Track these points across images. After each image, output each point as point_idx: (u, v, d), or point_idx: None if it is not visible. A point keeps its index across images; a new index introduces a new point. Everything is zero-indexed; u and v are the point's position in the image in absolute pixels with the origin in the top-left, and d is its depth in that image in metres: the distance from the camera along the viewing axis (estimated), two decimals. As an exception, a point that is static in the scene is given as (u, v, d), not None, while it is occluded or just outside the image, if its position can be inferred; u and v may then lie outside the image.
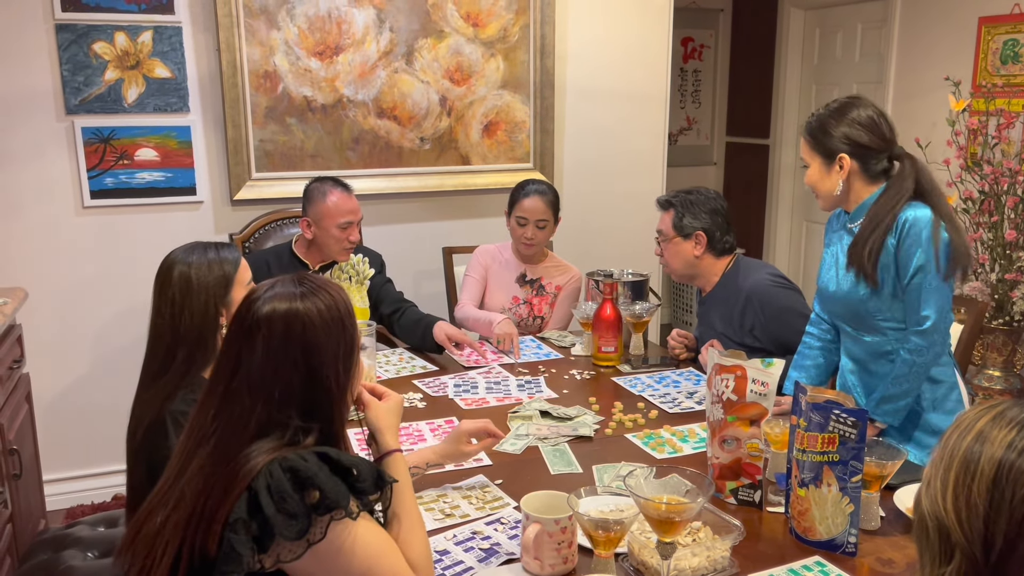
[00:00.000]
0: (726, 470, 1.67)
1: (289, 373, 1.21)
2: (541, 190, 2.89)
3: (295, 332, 1.21)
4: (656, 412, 2.13)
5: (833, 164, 1.96)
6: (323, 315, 1.23)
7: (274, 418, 1.20)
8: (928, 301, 1.89)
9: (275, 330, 1.21)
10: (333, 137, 3.37)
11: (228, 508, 1.13)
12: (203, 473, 1.18)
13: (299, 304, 1.23)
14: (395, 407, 1.43)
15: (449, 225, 3.61)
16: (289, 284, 1.27)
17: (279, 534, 1.11)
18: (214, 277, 1.70)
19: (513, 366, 2.52)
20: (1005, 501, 0.86)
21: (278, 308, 1.22)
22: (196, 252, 1.76)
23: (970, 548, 0.87)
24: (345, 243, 2.71)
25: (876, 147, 1.94)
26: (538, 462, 1.86)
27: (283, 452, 1.18)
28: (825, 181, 1.99)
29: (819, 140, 1.97)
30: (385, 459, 1.37)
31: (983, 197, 3.47)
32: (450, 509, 1.64)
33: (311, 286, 1.27)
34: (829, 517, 1.48)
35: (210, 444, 1.20)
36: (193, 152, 3.21)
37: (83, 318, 3.19)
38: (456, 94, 3.51)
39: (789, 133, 5.18)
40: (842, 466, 1.45)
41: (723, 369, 1.66)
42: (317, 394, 1.23)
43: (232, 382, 1.21)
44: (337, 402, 1.26)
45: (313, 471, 1.15)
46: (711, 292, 2.52)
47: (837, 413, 1.44)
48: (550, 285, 2.97)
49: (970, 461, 0.88)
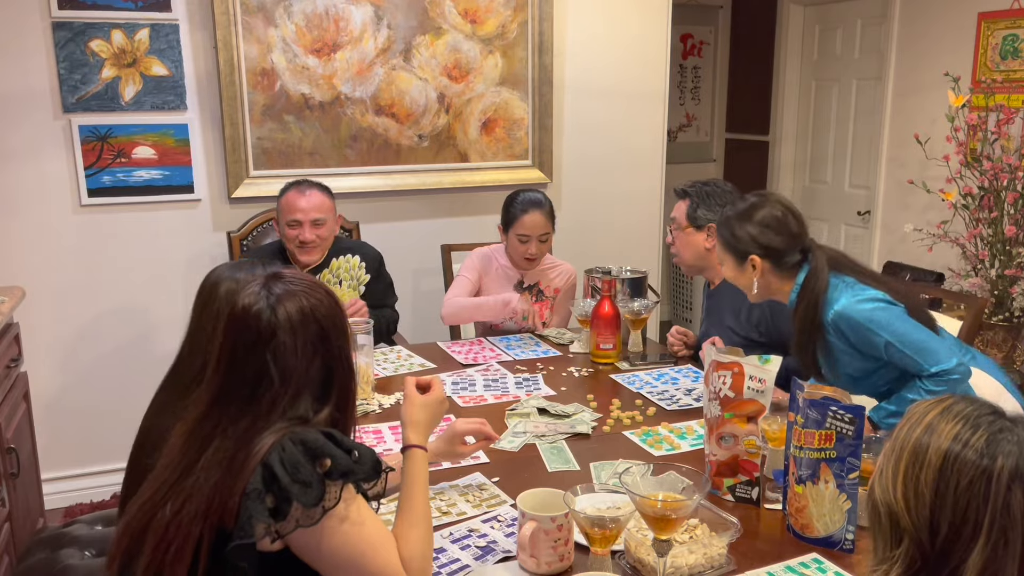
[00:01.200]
0: (723, 467, 1.67)
1: (307, 354, 1.22)
2: (537, 201, 2.82)
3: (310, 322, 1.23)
4: (654, 409, 2.13)
5: (746, 264, 2.00)
6: (329, 308, 1.26)
7: (297, 397, 1.22)
8: (923, 356, 1.85)
9: (291, 319, 1.22)
10: (331, 135, 3.37)
11: (244, 483, 1.14)
12: (221, 462, 1.18)
13: (313, 301, 1.25)
14: (431, 403, 1.47)
15: (447, 223, 3.60)
16: (270, 284, 1.26)
17: (296, 500, 1.12)
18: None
19: (512, 363, 2.51)
20: (950, 490, 0.91)
21: (294, 307, 1.23)
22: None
23: (917, 533, 0.93)
24: (296, 242, 2.72)
25: (786, 247, 1.97)
26: (535, 460, 1.86)
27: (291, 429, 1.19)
28: (740, 278, 2.04)
29: (728, 242, 2.02)
30: (406, 452, 1.38)
31: (983, 193, 3.46)
32: (447, 507, 1.64)
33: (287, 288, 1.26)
34: (827, 514, 1.47)
35: (216, 443, 1.20)
36: (191, 150, 3.20)
37: (81, 316, 3.19)
38: (454, 91, 3.50)
39: (789, 130, 5.17)
40: (839, 463, 1.45)
41: (720, 366, 1.65)
42: (329, 376, 1.25)
43: (257, 391, 1.21)
44: (347, 383, 1.27)
45: (322, 443, 1.17)
46: (720, 285, 2.50)
47: (834, 410, 1.44)
48: (548, 289, 2.95)
49: (919, 451, 0.94)
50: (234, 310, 1.24)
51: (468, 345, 2.71)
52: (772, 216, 1.97)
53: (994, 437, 0.92)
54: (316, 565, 1.18)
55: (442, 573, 1.42)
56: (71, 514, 3.17)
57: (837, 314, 1.88)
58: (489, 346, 2.69)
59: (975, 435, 0.92)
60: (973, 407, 0.96)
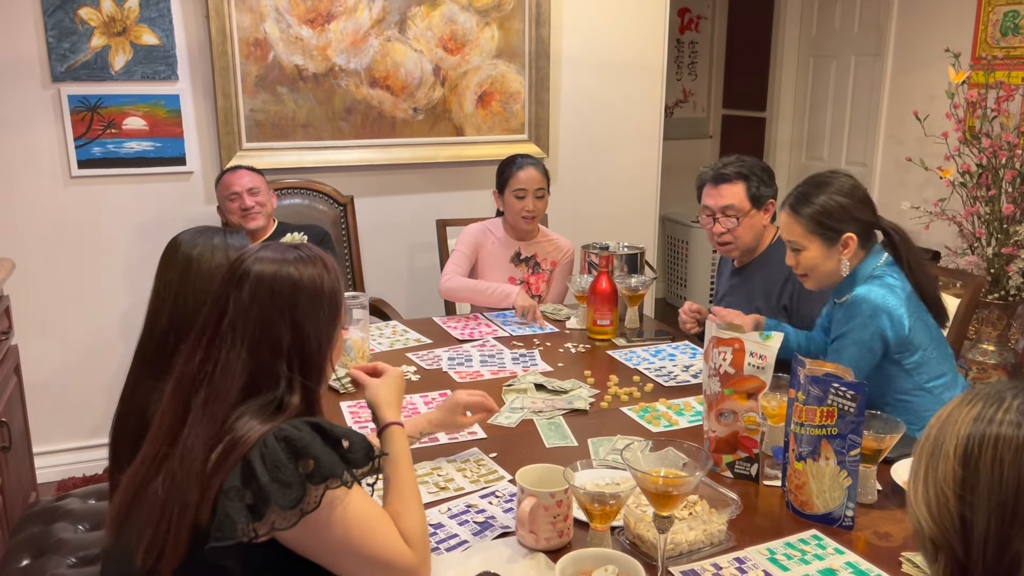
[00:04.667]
0: (723, 443, 1.66)
1: (277, 323, 1.21)
2: (531, 161, 2.86)
3: (283, 287, 1.23)
4: (652, 385, 2.11)
5: (837, 244, 1.92)
6: (313, 280, 1.25)
7: (264, 366, 1.20)
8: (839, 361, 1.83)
9: (264, 282, 1.22)
10: (325, 107, 3.32)
11: (222, 478, 1.12)
12: (202, 433, 1.16)
13: (291, 267, 1.25)
14: (392, 381, 1.45)
15: (443, 197, 3.57)
16: (285, 249, 1.28)
17: (274, 502, 1.10)
18: (216, 264, 1.65)
19: (508, 339, 2.50)
20: (982, 479, 0.78)
21: (268, 267, 1.24)
22: (204, 235, 1.70)
23: (948, 543, 0.81)
24: (239, 212, 2.86)
25: (873, 220, 1.93)
26: (533, 435, 1.85)
27: (275, 422, 1.17)
28: (827, 262, 1.94)
29: (818, 220, 1.91)
30: (384, 432, 1.36)
31: (981, 171, 3.45)
32: (444, 482, 1.63)
33: (308, 254, 1.28)
34: (827, 491, 1.46)
35: (201, 395, 1.19)
36: (183, 121, 3.16)
37: (72, 289, 3.15)
38: (450, 64, 3.46)
39: (786, 106, 5.13)
40: (840, 440, 1.44)
41: (721, 342, 1.64)
42: (303, 350, 1.23)
43: (220, 326, 1.21)
44: (318, 360, 1.26)
45: (307, 440, 1.14)
46: (752, 264, 2.41)
47: (836, 387, 1.42)
48: (545, 262, 2.93)
49: (936, 450, 0.83)
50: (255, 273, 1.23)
51: (464, 321, 2.69)
52: (853, 187, 1.92)
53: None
54: (313, 557, 1.16)
55: (441, 549, 1.41)
56: (64, 488, 3.16)
57: (856, 296, 1.88)
58: (485, 322, 2.67)
59: (1001, 408, 0.81)
60: (993, 387, 0.86)
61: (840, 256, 1.92)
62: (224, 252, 1.64)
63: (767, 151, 5.28)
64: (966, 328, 2.48)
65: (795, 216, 1.95)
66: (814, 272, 1.97)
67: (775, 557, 1.38)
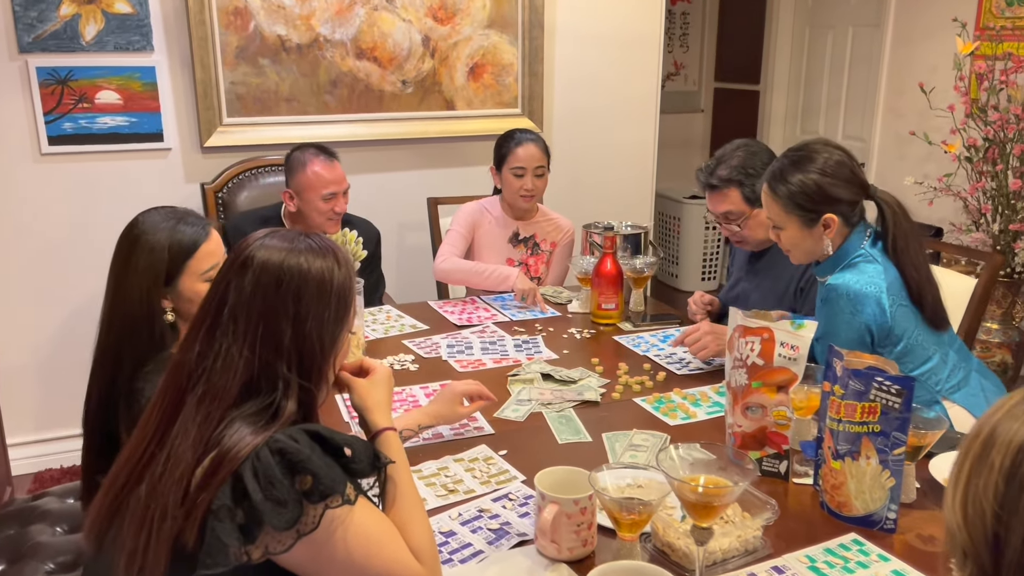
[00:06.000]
0: (749, 439, 1.55)
1: (279, 318, 1.09)
2: (531, 136, 2.73)
3: (289, 279, 1.11)
4: (664, 374, 2.01)
5: (817, 224, 1.81)
6: (322, 273, 1.12)
7: (264, 365, 1.08)
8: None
9: (269, 270, 1.10)
10: (309, 79, 3.16)
11: (210, 496, 1.00)
12: (192, 433, 1.05)
13: (299, 257, 1.12)
14: (381, 381, 1.31)
15: (433, 174, 3.43)
16: (294, 237, 1.16)
17: (268, 522, 0.98)
18: (156, 257, 1.52)
19: (509, 324, 2.38)
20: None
21: (275, 254, 1.12)
22: (156, 215, 1.59)
23: (976, 551, 0.75)
24: (330, 214, 2.58)
25: (855, 198, 1.82)
26: (543, 430, 1.73)
27: (269, 432, 1.05)
28: (806, 240, 1.84)
29: (794, 200, 1.80)
30: (377, 439, 1.24)
31: (987, 144, 3.35)
32: (453, 484, 1.51)
33: (319, 244, 1.16)
34: (867, 491, 1.37)
35: (198, 390, 1.07)
36: (159, 95, 2.99)
37: (45, 271, 2.99)
38: (440, 34, 3.30)
39: (780, 78, 5.02)
40: (883, 437, 1.34)
41: (748, 331, 1.53)
42: (303, 350, 1.11)
43: (220, 315, 1.09)
44: (320, 362, 1.14)
45: (305, 454, 1.03)
46: (775, 247, 2.19)
47: (880, 381, 1.32)
48: (544, 243, 2.81)
49: (982, 457, 0.75)
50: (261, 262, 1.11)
51: (461, 305, 2.56)
52: (838, 163, 1.80)
53: None
54: None
55: (454, 560, 1.29)
56: (40, 480, 3.02)
57: (832, 287, 1.77)
58: (483, 305, 2.55)
59: None
60: None
61: (822, 236, 1.82)
62: (169, 235, 1.52)
63: (761, 125, 5.17)
64: (983, 310, 2.38)
65: (772, 195, 1.85)
66: (796, 249, 1.89)
67: (816, 565, 1.28)
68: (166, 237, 1.56)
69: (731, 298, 2.31)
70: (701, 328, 2.02)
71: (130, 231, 1.58)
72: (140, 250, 1.54)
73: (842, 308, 1.75)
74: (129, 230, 1.58)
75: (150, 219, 1.58)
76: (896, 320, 1.75)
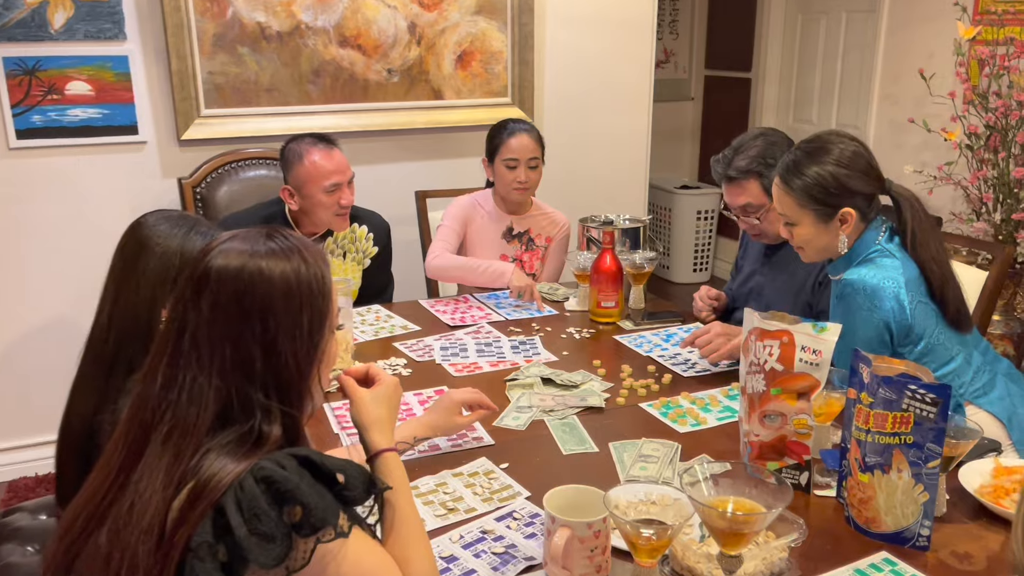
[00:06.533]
0: (767, 449, 1.46)
1: (245, 339, 0.98)
2: (525, 127, 2.62)
3: (250, 292, 0.98)
4: (669, 376, 1.91)
5: (834, 219, 1.71)
6: (287, 278, 1.00)
7: (236, 393, 0.97)
8: None
9: (225, 283, 0.98)
10: (291, 69, 3.03)
11: (189, 531, 0.90)
12: (159, 475, 0.94)
13: (260, 261, 0.99)
14: (384, 395, 1.18)
15: (421, 166, 3.32)
16: (256, 237, 1.03)
17: (253, 560, 0.88)
18: (167, 263, 1.39)
19: (504, 324, 2.27)
20: None
21: (232, 262, 0.99)
22: (167, 222, 1.46)
23: None
24: (336, 208, 2.38)
25: (874, 191, 1.73)
26: (546, 439, 1.63)
27: (253, 459, 0.94)
28: (821, 236, 1.74)
29: (809, 193, 1.70)
30: (375, 461, 1.13)
31: (989, 132, 3.28)
32: (452, 502, 1.41)
33: (282, 244, 1.03)
34: (898, 506, 1.27)
35: (163, 428, 0.96)
36: (132, 86, 2.85)
37: (16, 272, 2.85)
38: (426, 20, 3.18)
39: (772, 66, 4.92)
40: (917, 449, 1.24)
41: (766, 334, 1.43)
42: (279, 372, 1.00)
43: (180, 342, 0.98)
44: (298, 384, 1.02)
45: (293, 482, 0.92)
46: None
47: (914, 389, 1.23)
48: (540, 238, 2.70)
49: None
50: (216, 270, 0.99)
51: (453, 304, 2.45)
52: (855, 153, 1.70)
53: None
54: None
55: (456, 589, 1.19)
56: (14, 489, 2.90)
57: (848, 282, 1.68)
58: (476, 304, 2.45)
59: None
60: None
61: (838, 232, 1.72)
62: (181, 243, 1.39)
63: (752, 114, 5.08)
64: (994, 305, 2.31)
65: (785, 188, 1.74)
66: (809, 246, 1.79)
67: (848, 589, 1.19)
68: (178, 244, 1.43)
69: (743, 292, 2.21)
70: (712, 329, 1.92)
71: (135, 234, 1.45)
72: (149, 254, 1.41)
73: (859, 304, 1.66)
74: (133, 233, 1.45)
75: (159, 224, 1.46)
76: (916, 317, 1.66)
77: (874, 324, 1.66)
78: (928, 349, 1.69)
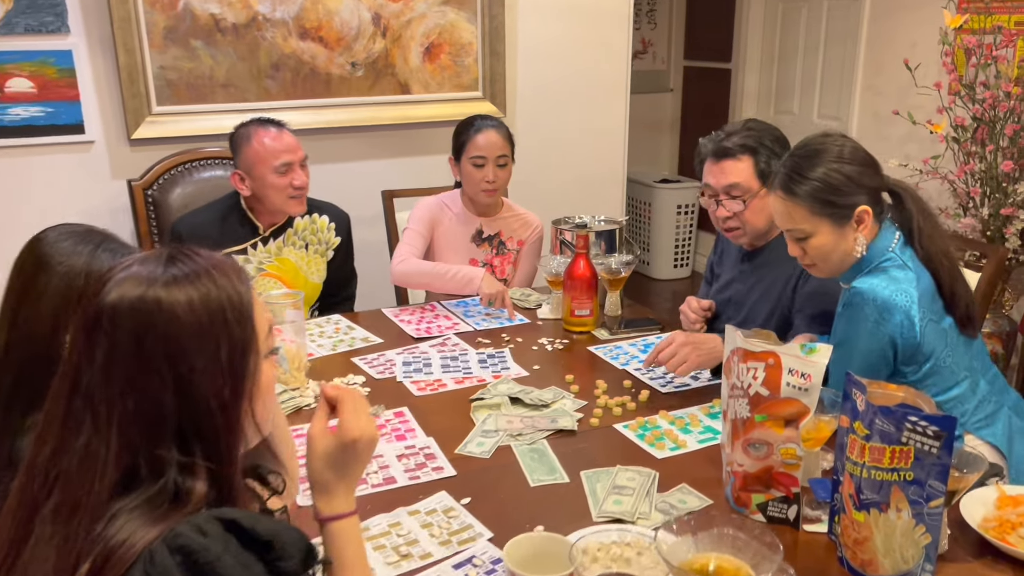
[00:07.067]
0: (752, 480, 1.34)
1: (152, 389, 0.83)
2: (492, 123, 2.47)
3: (150, 331, 0.83)
4: (647, 393, 1.78)
5: (851, 221, 1.57)
6: (195, 307, 0.85)
7: (142, 454, 0.83)
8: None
9: (122, 326, 0.83)
10: (248, 63, 2.87)
11: None
12: (51, 557, 0.80)
13: (160, 291, 0.84)
14: (339, 458, 0.99)
15: (388, 164, 3.17)
16: (154, 262, 0.88)
17: None
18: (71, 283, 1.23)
19: (472, 335, 2.14)
20: None
21: (128, 295, 0.84)
22: (71, 238, 1.31)
23: None
24: (290, 190, 2.29)
25: (881, 187, 1.61)
26: (512, 468, 1.50)
27: (170, 522, 0.80)
28: (840, 244, 1.59)
29: (822, 197, 1.55)
30: (328, 527, 0.99)
31: (976, 124, 3.17)
32: (406, 546, 1.27)
33: (185, 267, 0.87)
34: (897, 549, 1.15)
35: (51, 502, 0.82)
36: (78, 82, 2.68)
37: (-46, 284, 2.68)
38: (391, 11, 3.03)
39: (753, 56, 4.80)
40: (917, 487, 1.12)
41: (749, 356, 1.31)
42: (197, 419, 0.85)
43: (74, 396, 0.84)
44: (224, 432, 0.87)
45: (214, 552, 0.79)
46: (772, 242, 1.99)
47: (914, 421, 1.10)
48: (511, 241, 2.56)
49: None
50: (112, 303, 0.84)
51: (419, 313, 2.32)
52: (854, 148, 1.58)
53: None
54: None
55: (406, 654, 1.06)
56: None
57: (858, 291, 1.56)
58: (444, 313, 2.31)
59: None
60: None
61: (855, 234, 1.59)
62: (88, 262, 1.24)
63: (733, 105, 4.96)
64: (987, 307, 2.20)
65: (791, 198, 1.58)
66: (826, 260, 1.62)
67: (843, 646, 1.07)
68: (83, 263, 1.28)
69: (722, 301, 2.07)
70: (675, 340, 1.78)
71: (34, 251, 1.30)
72: (51, 274, 1.26)
73: (866, 315, 1.53)
74: (32, 250, 1.30)
75: (61, 240, 1.30)
76: (925, 337, 1.54)
77: (879, 338, 1.54)
78: (933, 371, 1.57)
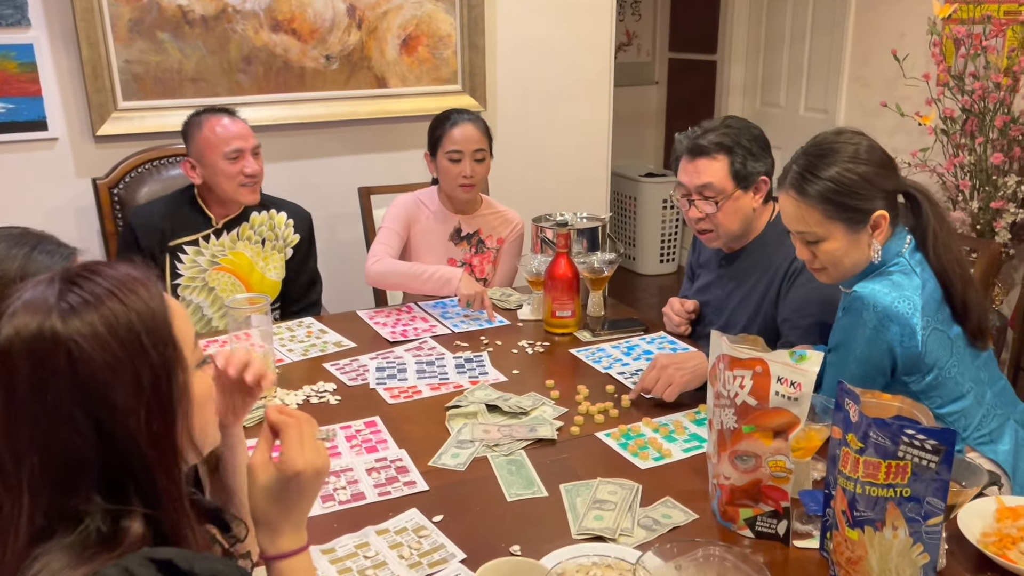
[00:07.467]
0: (739, 493, 1.27)
1: (63, 436, 0.75)
2: (469, 117, 2.39)
3: (52, 369, 0.74)
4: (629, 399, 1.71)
5: (866, 226, 1.50)
6: (101, 338, 0.75)
7: (58, 508, 0.75)
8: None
9: (17, 370, 0.74)
10: (218, 56, 2.78)
11: None
12: None
13: (57, 322, 0.75)
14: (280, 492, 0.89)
15: (364, 160, 3.08)
16: (48, 287, 0.78)
17: None
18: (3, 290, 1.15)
19: (450, 339, 2.06)
20: None
21: (22, 332, 0.75)
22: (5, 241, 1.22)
23: None
24: (240, 178, 2.25)
25: (898, 189, 1.53)
26: (489, 481, 1.43)
27: (97, 562, 0.72)
28: (852, 252, 1.52)
29: (836, 201, 1.47)
30: (273, 566, 0.91)
31: (965, 116, 3.11)
32: (373, 569, 1.20)
33: (84, 292, 0.77)
34: (893, 569, 1.09)
35: None
36: (40, 77, 2.58)
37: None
38: (366, 2, 2.94)
39: (739, 47, 4.73)
40: (915, 504, 1.05)
41: (736, 363, 1.24)
42: (127, 461, 0.77)
43: None
44: (156, 468, 0.78)
45: None
46: (750, 244, 1.93)
47: (911, 434, 1.03)
48: (491, 239, 2.48)
49: None
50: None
51: (395, 315, 2.23)
52: (870, 147, 1.50)
53: None
54: None
55: None
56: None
57: (859, 296, 1.49)
58: (421, 315, 2.23)
59: None
60: None
61: (870, 240, 1.51)
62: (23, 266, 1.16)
63: (719, 97, 4.89)
64: (981, 302, 2.14)
65: (803, 200, 1.50)
66: (837, 266, 1.54)
67: (837, 677, 1.00)
68: (18, 267, 1.20)
69: (702, 304, 2.00)
70: (657, 363, 1.68)
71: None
72: None
73: (865, 321, 1.47)
74: None
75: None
76: (928, 347, 1.46)
77: (876, 346, 1.47)
78: (937, 382, 1.50)
